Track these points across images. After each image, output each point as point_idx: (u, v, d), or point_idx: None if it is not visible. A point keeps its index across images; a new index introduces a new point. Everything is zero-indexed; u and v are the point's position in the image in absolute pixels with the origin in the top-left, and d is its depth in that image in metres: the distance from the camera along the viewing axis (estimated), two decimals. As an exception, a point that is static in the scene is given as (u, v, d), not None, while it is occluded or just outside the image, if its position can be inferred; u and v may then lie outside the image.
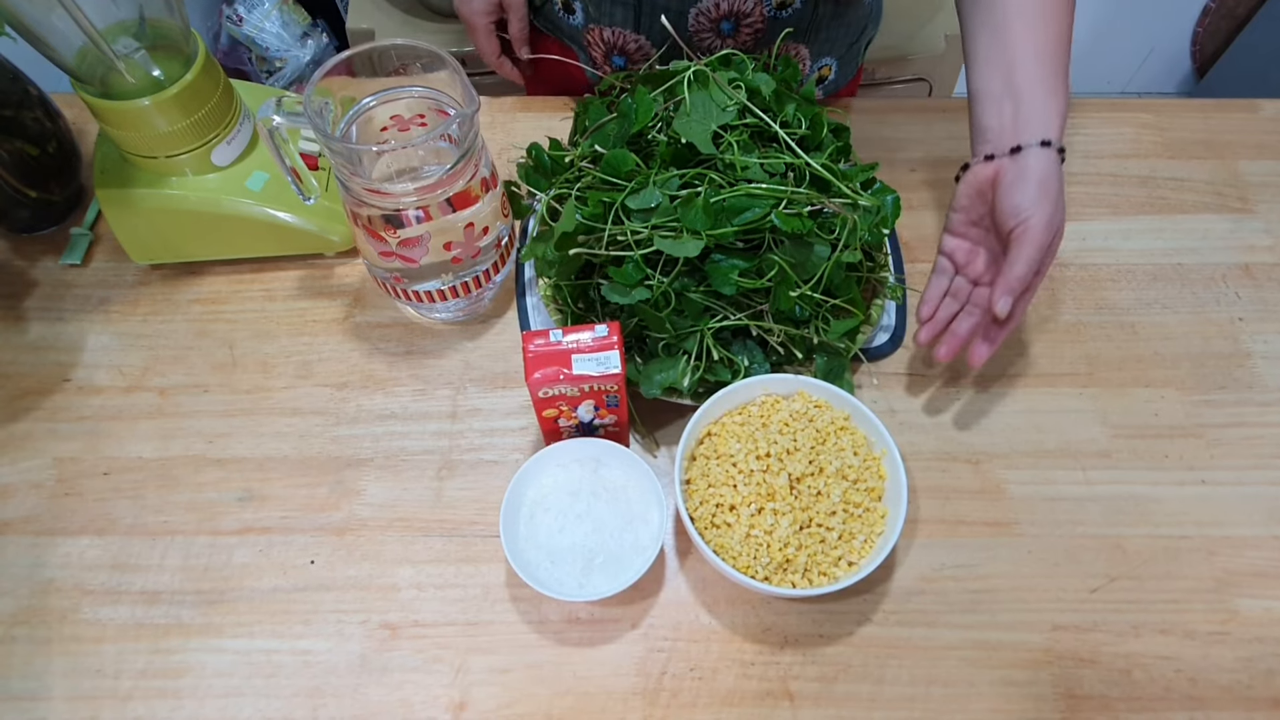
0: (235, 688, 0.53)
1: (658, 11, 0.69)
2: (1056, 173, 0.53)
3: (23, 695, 0.53)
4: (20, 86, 0.66)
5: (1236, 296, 0.69)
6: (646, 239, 0.56)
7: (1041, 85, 0.54)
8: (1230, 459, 0.61)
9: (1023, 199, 0.53)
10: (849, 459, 0.54)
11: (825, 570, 0.52)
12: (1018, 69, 0.54)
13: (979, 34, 0.56)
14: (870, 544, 0.53)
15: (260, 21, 1.44)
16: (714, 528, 0.53)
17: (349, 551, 0.58)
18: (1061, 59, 0.55)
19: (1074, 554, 0.57)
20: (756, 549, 0.52)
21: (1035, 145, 0.53)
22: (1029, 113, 0.54)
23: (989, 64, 0.56)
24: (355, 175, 0.53)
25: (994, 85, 0.55)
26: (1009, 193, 0.53)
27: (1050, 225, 0.53)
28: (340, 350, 0.67)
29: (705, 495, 0.54)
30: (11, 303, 0.69)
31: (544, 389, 0.52)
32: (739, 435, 0.55)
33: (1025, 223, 0.53)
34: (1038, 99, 0.54)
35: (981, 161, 0.56)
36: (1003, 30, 0.55)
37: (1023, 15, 0.54)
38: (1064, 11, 0.55)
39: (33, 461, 0.61)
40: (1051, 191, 0.53)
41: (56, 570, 0.57)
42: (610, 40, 0.73)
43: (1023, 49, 0.54)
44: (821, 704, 0.53)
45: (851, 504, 0.53)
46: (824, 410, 0.57)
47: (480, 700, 0.53)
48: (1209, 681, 0.53)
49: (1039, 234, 0.53)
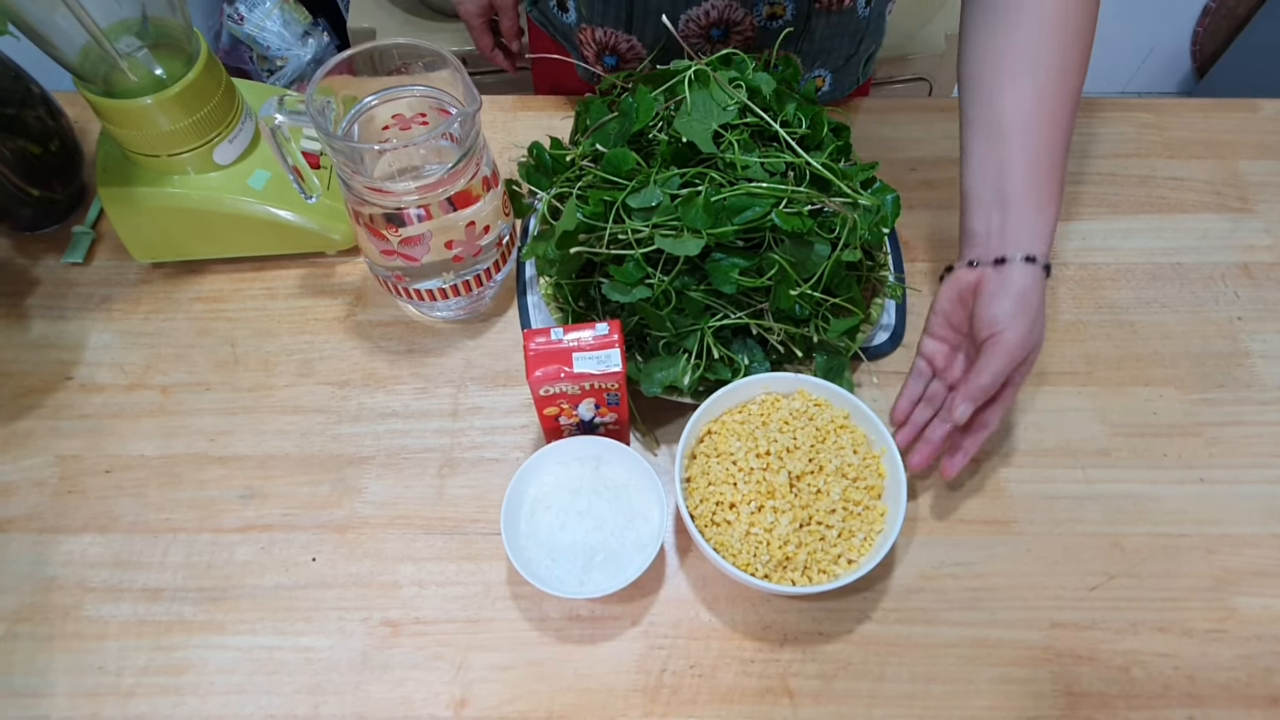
0: (237, 685, 0.53)
1: (650, 14, 0.69)
2: (1038, 288, 0.52)
3: (25, 692, 0.53)
4: (23, 85, 0.66)
5: (1235, 296, 0.69)
6: (647, 238, 0.56)
7: (1032, 196, 0.53)
8: (1229, 458, 0.61)
9: (1000, 311, 0.52)
10: (849, 457, 0.55)
11: (825, 568, 0.52)
12: (1009, 178, 0.53)
13: (974, 133, 0.55)
14: (870, 542, 0.53)
15: (261, 20, 1.45)
16: (714, 525, 0.53)
17: (350, 549, 0.58)
18: (1056, 169, 0.53)
19: (1073, 552, 0.58)
20: (756, 546, 0.52)
21: (1019, 259, 0.52)
22: (1016, 225, 0.53)
23: (981, 167, 0.54)
24: (357, 174, 0.53)
25: (985, 190, 0.54)
26: (988, 303, 0.53)
27: (1024, 341, 0.52)
28: (342, 348, 0.67)
29: (705, 493, 0.54)
30: (14, 301, 0.69)
31: (545, 387, 0.52)
32: (739, 433, 0.55)
33: (999, 335, 0.52)
34: (1026, 211, 0.53)
35: (965, 267, 0.55)
36: (998, 134, 0.53)
37: (1019, 121, 0.53)
38: (1062, 117, 0.53)
39: (35, 459, 0.62)
40: (1030, 307, 0.52)
41: (59, 568, 0.57)
42: (602, 40, 0.73)
43: (1016, 157, 0.53)
44: (821, 701, 0.53)
45: (851, 502, 0.54)
46: (824, 409, 0.57)
47: (481, 697, 0.53)
48: (1207, 679, 0.53)
49: (1011, 348, 0.52)
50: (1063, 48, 0.53)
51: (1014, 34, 0.53)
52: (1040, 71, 0.53)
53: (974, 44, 0.56)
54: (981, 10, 0.55)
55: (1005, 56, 0.54)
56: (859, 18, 0.72)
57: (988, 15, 0.55)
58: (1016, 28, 0.53)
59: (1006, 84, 0.53)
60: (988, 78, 0.54)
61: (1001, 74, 0.54)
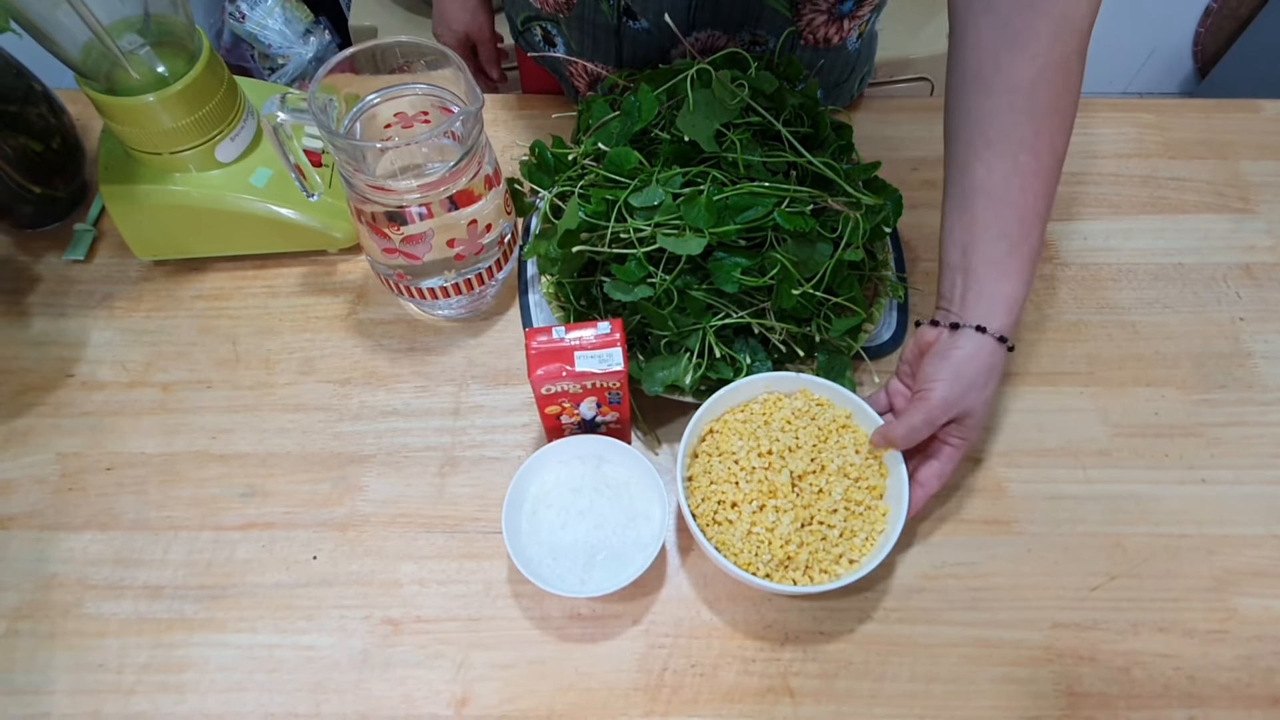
0: (238, 683, 0.53)
1: (639, 49, 0.69)
2: (981, 358, 0.52)
3: (26, 689, 0.53)
4: (25, 82, 0.66)
5: (1237, 296, 0.69)
6: (649, 237, 0.56)
7: (994, 269, 0.52)
8: (1230, 458, 0.61)
9: (933, 371, 0.52)
10: (850, 457, 0.55)
11: (826, 568, 0.52)
12: (973, 248, 0.53)
13: (949, 198, 0.55)
14: (871, 541, 0.53)
15: (263, 18, 1.44)
16: (715, 524, 0.53)
17: (352, 547, 0.58)
18: (1027, 240, 0.52)
19: (1074, 552, 0.58)
20: (758, 546, 0.52)
21: (971, 328, 0.52)
22: (975, 295, 0.52)
23: (951, 234, 0.54)
24: (359, 172, 0.53)
25: (954, 256, 0.54)
26: (928, 361, 0.53)
27: (947, 403, 0.52)
28: (343, 347, 0.67)
29: (707, 492, 0.54)
30: (15, 298, 0.69)
31: (546, 386, 0.52)
32: (741, 432, 0.55)
33: (925, 391, 0.52)
34: (987, 282, 0.52)
35: (929, 325, 0.56)
36: (967, 204, 0.53)
37: (987, 192, 0.52)
38: (1036, 187, 0.52)
39: (36, 456, 0.62)
40: (965, 375, 0.52)
41: (60, 565, 0.57)
42: (593, 72, 0.73)
43: (981, 230, 0.52)
44: (822, 700, 0.53)
45: (853, 502, 0.54)
46: (826, 408, 0.57)
47: (482, 695, 0.53)
48: (1208, 679, 0.53)
49: (931, 406, 0.51)
50: (1038, 117, 0.51)
51: (987, 100, 0.52)
52: (1012, 141, 0.51)
53: (952, 105, 0.55)
54: (960, 69, 0.54)
55: (978, 123, 0.52)
56: (849, 51, 0.72)
57: (966, 75, 0.53)
58: (990, 94, 0.52)
59: (979, 151, 0.52)
60: (962, 141, 0.53)
61: (974, 141, 0.52)
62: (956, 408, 0.52)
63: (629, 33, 0.68)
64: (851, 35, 0.70)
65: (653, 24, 0.66)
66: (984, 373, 0.52)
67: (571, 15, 0.70)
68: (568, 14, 0.69)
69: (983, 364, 0.52)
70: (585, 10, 0.68)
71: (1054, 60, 0.50)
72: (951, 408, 0.52)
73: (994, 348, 0.52)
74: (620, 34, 0.69)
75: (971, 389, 0.52)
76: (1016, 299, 0.52)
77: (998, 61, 0.51)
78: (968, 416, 0.53)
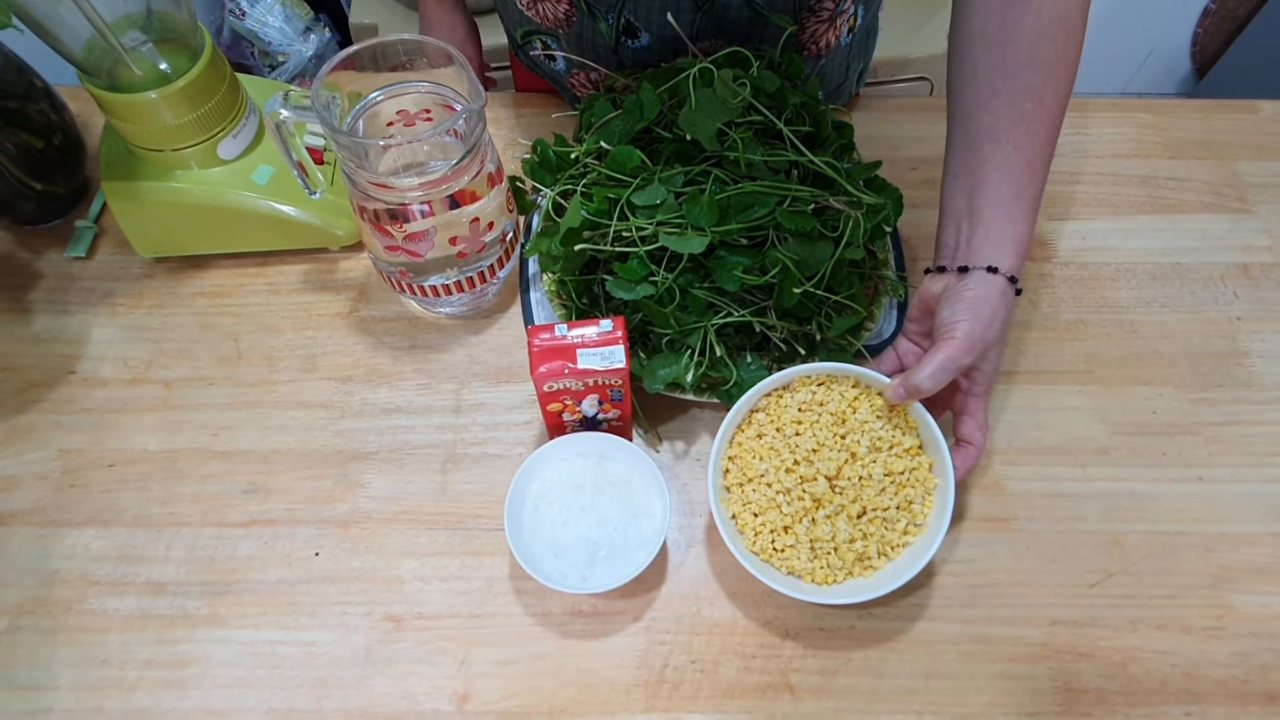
0: (240, 678, 0.54)
1: (638, 69, 0.69)
2: (995, 297, 0.52)
3: (29, 685, 0.53)
4: (26, 79, 0.66)
5: (1235, 296, 0.69)
6: (651, 235, 0.56)
7: (1002, 210, 0.53)
8: (1227, 456, 0.61)
9: (951, 313, 0.53)
10: (875, 429, 0.54)
11: (895, 544, 0.53)
12: (980, 192, 0.53)
13: (954, 149, 0.56)
14: (929, 500, 0.54)
15: (263, 16, 1.44)
16: (779, 554, 0.53)
17: (353, 544, 0.58)
18: (1031, 187, 0.53)
19: (1072, 550, 0.58)
20: (827, 558, 0.52)
21: (982, 269, 0.53)
22: (983, 237, 0.53)
23: (957, 180, 0.55)
24: (361, 169, 0.54)
25: (958, 203, 0.55)
26: (943, 307, 0.54)
27: (969, 341, 0.52)
28: (345, 344, 0.67)
29: (757, 526, 0.53)
30: (16, 295, 0.69)
31: (549, 383, 0.52)
32: (759, 453, 0.55)
33: (948, 332, 0.52)
34: (995, 225, 0.53)
35: (934, 274, 0.56)
36: (973, 149, 0.54)
37: (994, 138, 0.53)
38: (1041, 134, 0.53)
39: (38, 453, 0.62)
40: (983, 312, 0.52)
41: (62, 561, 0.58)
42: (596, 80, 0.74)
43: (990, 171, 0.53)
44: (822, 696, 0.53)
45: (895, 472, 0.54)
46: (829, 388, 0.56)
47: (484, 691, 0.53)
48: (1205, 676, 0.54)
49: (957, 345, 0.51)
50: (1043, 67, 0.53)
51: (992, 53, 0.53)
52: (1019, 90, 0.53)
53: (958, 60, 0.56)
54: (965, 27, 0.55)
55: (984, 75, 0.54)
56: (842, 48, 0.73)
57: (970, 32, 0.55)
58: (995, 47, 0.53)
59: (985, 100, 0.53)
60: (968, 92, 0.55)
61: (979, 92, 0.54)
62: (979, 346, 0.52)
63: (627, 52, 0.69)
64: (843, 32, 0.71)
65: (654, 38, 0.67)
66: (1000, 312, 0.53)
67: (570, 33, 0.70)
68: (567, 30, 0.70)
69: (997, 303, 0.52)
70: (584, 30, 0.68)
71: (1059, 14, 0.52)
72: (975, 346, 0.52)
73: (1005, 287, 0.53)
74: (619, 53, 0.69)
75: (990, 328, 0.53)
76: (1024, 241, 0.53)
77: (1003, 18, 0.53)
78: (985, 360, 0.54)
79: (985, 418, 0.56)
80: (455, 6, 0.85)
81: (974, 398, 0.55)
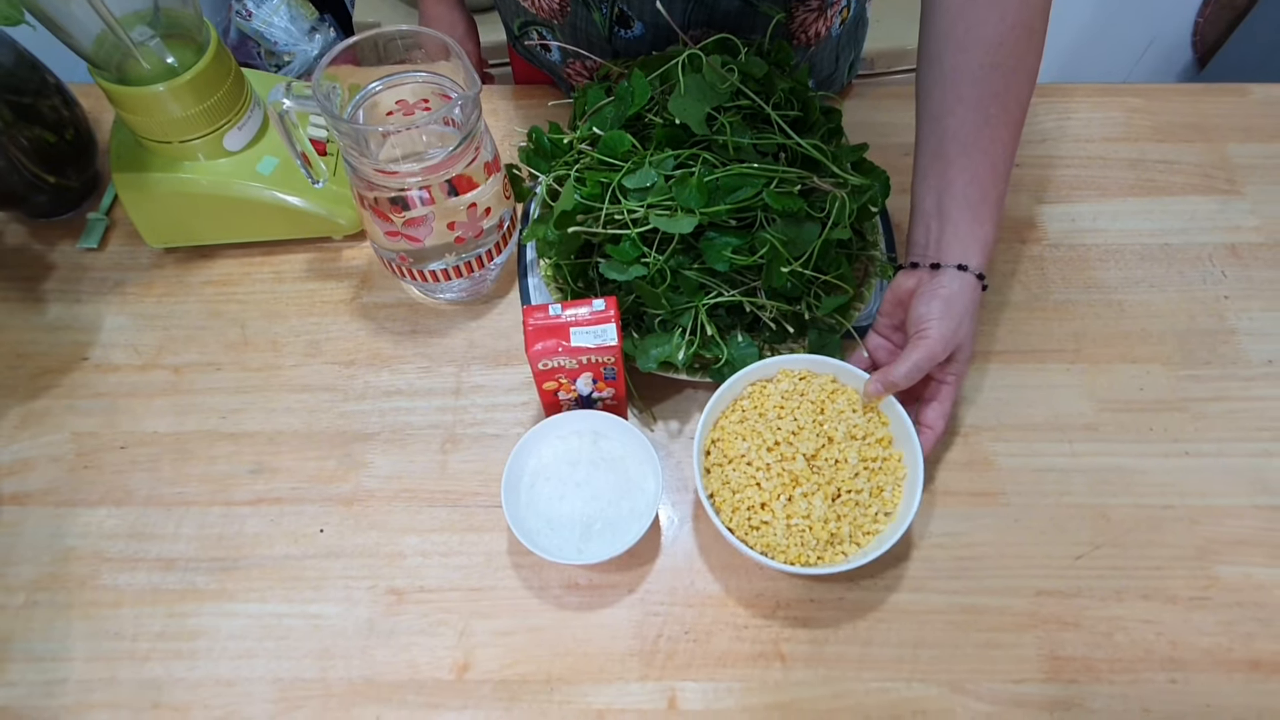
0: (248, 649, 0.55)
1: (632, 58, 0.71)
2: (966, 294, 0.56)
3: (45, 656, 0.55)
4: (39, 75, 0.68)
5: (1223, 275, 0.70)
6: (643, 217, 0.57)
7: (969, 212, 0.56)
8: (1213, 432, 0.62)
9: (927, 310, 0.56)
10: (851, 418, 0.56)
11: (868, 529, 0.54)
12: (948, 194, 0.56)
13: (924, 148, 0.58)
14: (898, 490, 0.55)
15: (269, 16, 1.47)
16: (754, 530, 0.54)
17: (357, 521, 0.60)
18: (995, 187, 0.56)
19: (1060, 523, 0.59)
20: (801, 536, 0.53)
21: (952, 267, 0.56)
22: (952, 236, 0.56)
23: (926, 181, 0.58)
24: (363, 156, 0.55)
25: (927, 204, 0.58)
26: (917, 303, 0.56)
27: (945, 339, 0.55)
28: (348, 329, 0.69)
29: (735, 503, 0.55)
30: (31, 285, 0.71)
31: (544, 361, 0.54)
32: (742, 434, 0.56)
33: (923, 331, 0.55)
34: (963, 225, 0.56)
35: (907, 270, 0.59)
36: (942, 153, 0.56)
37: (961, 142, 0.56)
38: (1005, 137, 0.56)
39: (53, 436, 0.64)
40: (956, 310, 0.55)
41: (76, 539, 0.60)
42: (592, 68, 0.75)
43: (957, 176, 0.56)
44: (812, 664, 0.54)
45: (869, 459, 0.55)
46: (809, 380, 0.58)
47: (482, 661, 0.55)
48: (1189, 644, 0.55)
49: (933, 344, 0.55)
50: (1006, 73, 0.55)
51: (959, 56, 0.55)
52: (985, 95, 0.55)
53: (927, 58, 0.58)
54: (935, 25, 0.57)
55: (951, 78, 0.56)
56: (833, 39, 0.74)
57: (939, 31, 0.56)
58: (962, 50, 0.55)
59: (953, 105, 0.56)
60: (936, 95, 0.57)
61: (946, 95, 0.56)
62: (953, 343, 0.56)
63: (621, 41, 0.70)
64: (835, 23, 0.72)
65: (647, 27, 0.68)
66: (970, 308, 0.56)
67: (565, 23, 0.71)
68: (562, 21, 0.71)
69: (968, 299, 0.56)
70: (578, 20, 0.70)
71: (1021, 19, 0.54)
72: (950, 344, 0.55)
73: (974, 284, 0.56)
74: (613, 43, 0.71)
75: (963, 324, 0.56)
76: (989, 241, 0.57)
77: (969, 21, 0.55)
78: (959, 352, 0.57)
79: (950, 407, 0.58)
80: (454, 4, 0.86)
81: (945, 386, 0.58)
